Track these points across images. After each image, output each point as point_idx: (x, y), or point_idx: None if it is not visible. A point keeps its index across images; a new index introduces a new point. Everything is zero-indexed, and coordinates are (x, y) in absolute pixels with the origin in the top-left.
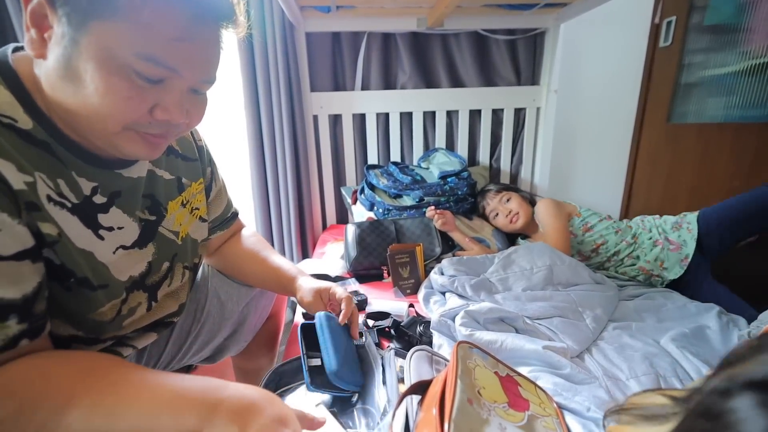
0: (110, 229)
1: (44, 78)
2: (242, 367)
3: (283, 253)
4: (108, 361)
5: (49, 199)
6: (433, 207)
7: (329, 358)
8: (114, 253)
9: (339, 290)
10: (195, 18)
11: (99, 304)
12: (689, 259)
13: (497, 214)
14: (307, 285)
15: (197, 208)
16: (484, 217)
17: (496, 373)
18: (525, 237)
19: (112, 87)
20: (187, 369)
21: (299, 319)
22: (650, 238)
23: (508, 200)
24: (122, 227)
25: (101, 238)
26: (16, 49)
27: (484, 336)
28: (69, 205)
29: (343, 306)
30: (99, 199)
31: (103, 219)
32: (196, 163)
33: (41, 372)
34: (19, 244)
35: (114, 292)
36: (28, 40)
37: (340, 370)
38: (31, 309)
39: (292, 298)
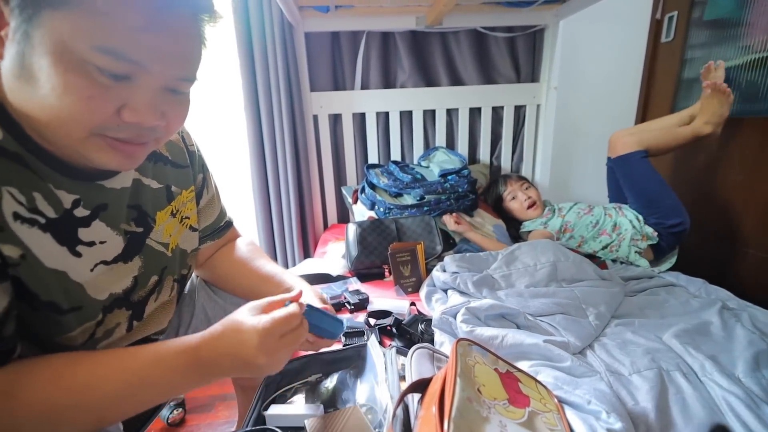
0: (91, 244)
1: (3, 80)
2: (240, 383)
3: (284, 252)
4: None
5: (16, 216)
6: (453, 214)
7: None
8: (92, 270)
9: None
10: (161, 5)
11: (68, 328)
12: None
13: (515, 197)
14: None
15: (187, 217)
16: (497, 200)
17: (495, 369)
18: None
19: (70, 85)
20: None
21: None
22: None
23: (527, 188)
24: (104, 241)
25: (78, 254)
26: None
27: (484, 332)
28: (42, 221)
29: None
30: (81, 212)
31: (83, 233)
32: (187, 169)
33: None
34: None
35: (88, 314)
36: None
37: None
38: (0, 331)
39: None
